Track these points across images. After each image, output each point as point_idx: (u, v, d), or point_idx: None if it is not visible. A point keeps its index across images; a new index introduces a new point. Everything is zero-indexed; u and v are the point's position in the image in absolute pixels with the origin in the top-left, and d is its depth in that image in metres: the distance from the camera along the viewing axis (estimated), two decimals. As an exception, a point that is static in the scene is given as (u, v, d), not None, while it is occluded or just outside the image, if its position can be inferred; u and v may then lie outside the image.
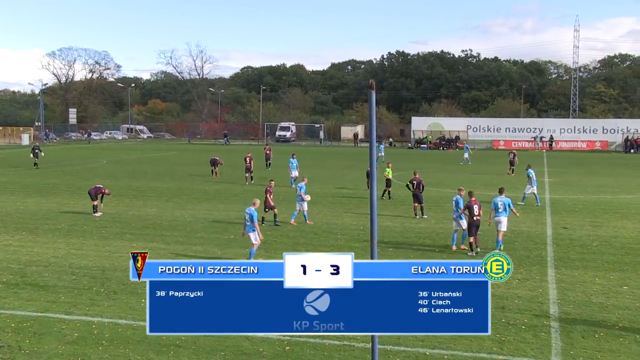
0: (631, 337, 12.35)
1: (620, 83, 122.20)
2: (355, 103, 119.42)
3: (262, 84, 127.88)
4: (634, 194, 33.82)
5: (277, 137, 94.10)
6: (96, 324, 13.03)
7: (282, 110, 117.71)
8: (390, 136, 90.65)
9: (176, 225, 24.00)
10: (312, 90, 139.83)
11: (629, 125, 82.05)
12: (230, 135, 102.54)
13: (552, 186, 37.23)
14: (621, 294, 15.14)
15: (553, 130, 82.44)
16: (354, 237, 21.57)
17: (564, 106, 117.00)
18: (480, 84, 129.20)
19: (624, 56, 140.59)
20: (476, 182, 37.68)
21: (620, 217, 26.03)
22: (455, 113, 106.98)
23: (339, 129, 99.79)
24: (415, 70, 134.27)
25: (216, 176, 41.30)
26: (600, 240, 21.42)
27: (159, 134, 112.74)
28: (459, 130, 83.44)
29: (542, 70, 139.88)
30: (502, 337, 12.20)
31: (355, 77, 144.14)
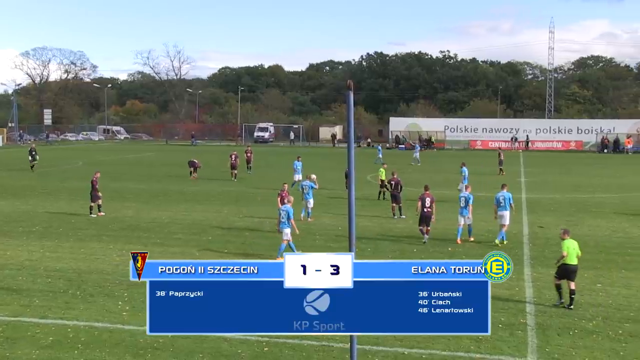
0: (604, 333, 12.53)
1: (594, 84, 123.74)
2: (334, 104, 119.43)
3: (240, 84, 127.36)
4: (608, 193, 34.27)
5: (256, 137, 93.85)
6: (72, 327, 12.90)
7: (260, 111, 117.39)
8: (369, 136, 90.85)
9: (154, 227, 23.84)
10: (290, 90, 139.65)
11: (602, 125, 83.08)
12: (209, 136, 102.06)
13: (528, 186, 37.60)
14: (595, 291, 15.34)
15: (529, 131, 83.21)
16: (332, 237, 21.60)
17: (539, 107, 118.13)
18: (457, 84, 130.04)
19: (597, 58, 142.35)
20: (454, 182, 37.88)
21: (595, 216, 26.37)
22: (433, 113, 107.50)
23: (317, 129, 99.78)
24: (393, 71, 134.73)
25: (194, 178, 41.08)
26: (575, 239, 21.38)
27: (136, 135, 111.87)
28: (436, 130, 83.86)
29: (519, 71, 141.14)
30: (479, 336, 12.28)
31: (334, 77, 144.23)
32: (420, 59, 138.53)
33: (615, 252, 19.59)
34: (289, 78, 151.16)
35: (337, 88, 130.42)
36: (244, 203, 30.20)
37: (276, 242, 20.97)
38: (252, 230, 23.24)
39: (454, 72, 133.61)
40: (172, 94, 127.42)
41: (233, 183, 38.78)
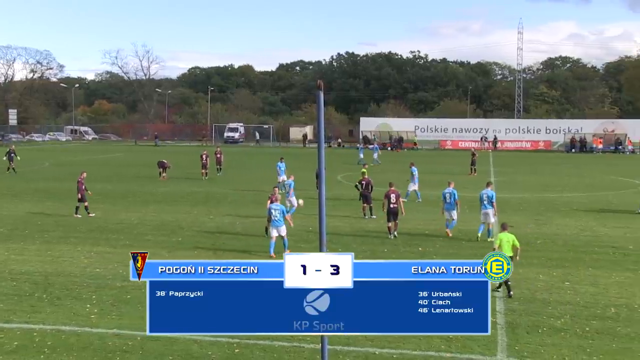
0: (572, 331, 12.72)
1: (562, 84, 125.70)
2: (304, 104, 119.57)
3: (210, 84, 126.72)
4: (575, 192, 34.81)
5: (226, 138, 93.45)
6: (38, 331, 12.68)
7: (230, 111, 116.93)
8: (339, 137, 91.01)
9: (123, 228, 23.58)
10: (260, 91, 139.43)
11: (570, 125, 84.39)
12: (179, 136, 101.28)
13: (498, 185, 38.01)
14: (563, 289, 15.56)
15: (498, 131, 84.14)
16: (303, 238, 21.58)
17: (508, 107, 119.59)
18: (427, 84, 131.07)
19: (564, 58, 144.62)
20: (427, 183, 38.16)
21: (563, 215, 26.76)
22: (403, 114, 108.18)
23: (287, 129, 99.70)
24: (363, 71, 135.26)
25: (163, 179, 40.76)
26: (544, 237, 21.96)
27: (104, 135, 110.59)
28: (406, 130, 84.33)
29: (488, 72, 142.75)
30: (449, 335, 12.36)
31: (304, 77, 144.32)
32: (391, 59, 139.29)
33: (582, 251, 19.90)
34: (259, 78, 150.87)
35: (307, 88, 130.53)
36: (213, 204, 30.04)
37: (247, 243, 20.90)
38: (223, 231, 23.12)
39: (424, 73, 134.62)
40: (141, 94, 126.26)
41: (203, 184, 38.58)
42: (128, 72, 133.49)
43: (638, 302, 14.61)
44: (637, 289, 15.64)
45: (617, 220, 25.76)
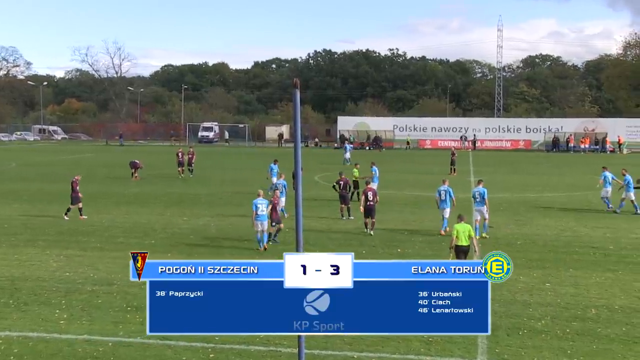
0: (552, 332, 12.86)
1: (542, 83, 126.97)
2: (280, 102, 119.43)
3: (183, 82, 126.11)
4: (556, 192, 35.17)
5: (200, 137, 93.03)
6: (3, 338, 12.50)
7: (204, 110, 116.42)
8: (316, 136, 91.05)
9: (94, 231, 23.36)
10: (235, 89, 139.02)
11: (550, 124, 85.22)
12: (151, 136, 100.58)
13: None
14: (544, 291, 15.72)
15: (478, 130, 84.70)
16: (279, 238, 21.53)
17: (488, 105, 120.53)
18: (406, 83, 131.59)
19: (544, 56, 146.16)
20: (405, 183, 38.38)
21: (543, 216, 27.02)
22: (382, 112, 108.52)
23: (263, 129, 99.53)
24: (341, 69, 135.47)
25: (136, 179, 40.48)
26: (525, 238, 22.16)
27: (74, 135, 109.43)
28: (385, 130, 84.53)
29: (467, 70, 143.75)
30: (429, 338, 12.43)
31: (280, 76, 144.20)
32: (369, 57, 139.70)
33: (563, 251, 20.12)
34: (234, 76, 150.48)
35: (283, 86, 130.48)
36: (188, 205, 29.88)
37: (221, 245, 20.83)
38: (197, 233, 23.00)
39: (403, 71, 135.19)
40: (112, 93, 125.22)
41: (176, 184, 38.36)
42: (99, 69, 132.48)
43: (618, 302, 14.81)
44: (617, 290, 15.85)
45: (597, 220, 26.08)
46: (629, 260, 19.08)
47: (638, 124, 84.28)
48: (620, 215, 27.22)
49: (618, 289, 15.92)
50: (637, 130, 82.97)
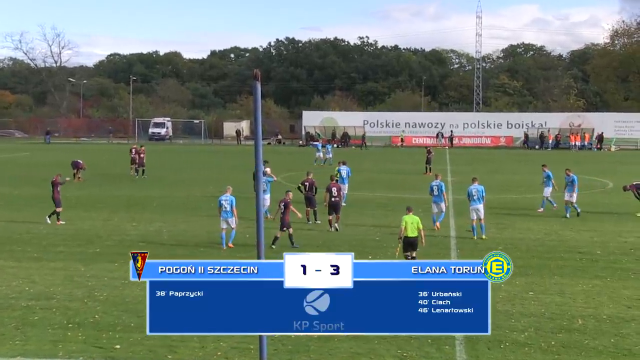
0: (536, 345, 13.03)
1: (524, 74, 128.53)
2: (239, 96, 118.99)
3: (131, 73, 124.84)
4: (540, 192, 35.60)
5: (151, 134, 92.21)
6: None
7: (156, 104, 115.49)
8: (279, 133, 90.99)
9: (30, 239, 23.02)
10: (189, 81, 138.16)
11: (533, 119, 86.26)
12: (97, 133, 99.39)
13: (455, 186, 38.61)
14: (527, 300, 15.92)
15: (455, 126, 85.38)
16: (239, 246, 21.50)
17: (466, 99, 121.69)
18: (377, 74, 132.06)
19: (527, 46, 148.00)
20: (378, 183, 38.59)
21: (526, 218, 27.39)
22: (351, 107, 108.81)
23: (221, 124, 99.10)
24: (306, 60, 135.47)
25: (79, 181, 40.00)
26: (506, 243, 22.43)
27: (6, 131, 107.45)
28: (354, 125, 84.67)
29: (444, 60, 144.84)
30: (403, 353, 12.52)
31: (239, 66, 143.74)
32: (337, 46, 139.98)
33: (547, 257, 20.40)
34: (188, 67, 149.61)
35: (243, 78, 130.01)
36: (137, 209, 29.63)
37: (175, 253, 20.67)
38: (148, 240, 22.82)
39: (374, 61, 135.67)
40: (50, 84, 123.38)
41: (125, 186, 38.01)
42: (35, 58, 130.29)
43: (606, 312, 15.07)
44: (605, 298, 16.13)
45: (583, 223, 26.52)
46: (617, 265, 19.44)
47: (627, 119, 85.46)
48: (608, 218, 27.70)
49: (606, 297, 16.20)
50: (627, 125, 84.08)
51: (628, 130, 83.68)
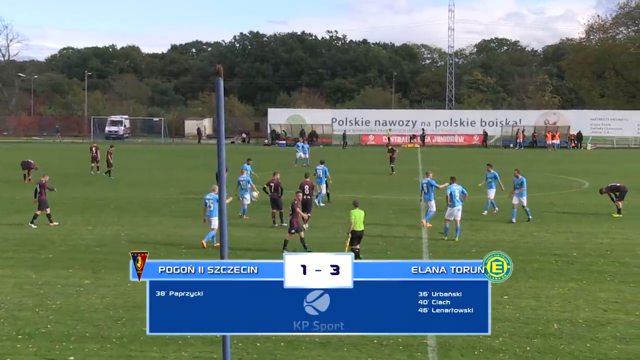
0: (511, 351, 13.17)
1: (498, 70, 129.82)
2: (202, 92, 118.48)
3: (86, 68, 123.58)
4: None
5: (107, 133, 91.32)
6: None
7: (112, 101, 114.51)
8: (244, 131, 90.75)
9: (-23, 245, 22.69)
10: (149, 77, 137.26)
11: (508, 116, 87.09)
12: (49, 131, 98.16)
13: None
14: (501, 304, 16.07)
15: (427, 124, 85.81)
16: (201, 249, 21.42)
17: (439, 96, 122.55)
18: (346, 70, 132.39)
19: (500, 40, 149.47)
20: (346, 184, 38.65)
21: (500, 220, 27.62)
22: (318, 104, 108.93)
23: (182, 122, 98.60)
24: (272, 54, 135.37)
25: (30, 182, 39.51)
26: (480, 245, 22.62)
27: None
28: (322, 123, 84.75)
29: (415, 55, 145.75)
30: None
31: (201, 61, 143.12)
32: (304, 41, 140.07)
33: (522, 260, 20.59)
34: (147, 62, 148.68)
35: (205, 74, 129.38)
36: (93, 212, 29.36)
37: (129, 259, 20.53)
38: (104, 245, 22.63)
39: (343, 56, 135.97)
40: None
41: (80, 188, 37.60)
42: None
43: (582, 316, 15.29)
44: (581, 301, 16.36)
45: (559, 224, 26.86)
46: (593, 268, 19.72)
47: (603, 116, 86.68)
48: (584, 219, 28.08)
49: (582, 301, 16.43)
50: (603, 123, 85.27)
51: (604, 129, 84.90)
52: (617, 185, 29.57)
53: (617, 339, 13.89)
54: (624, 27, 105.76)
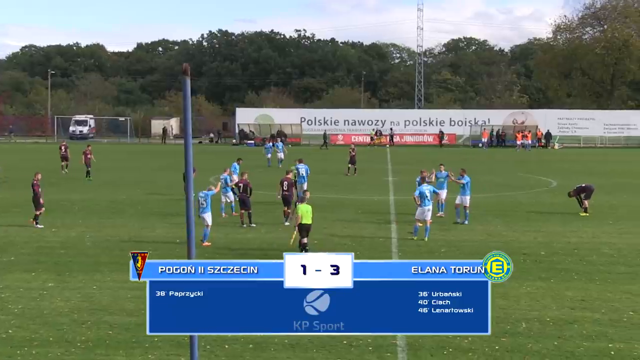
0: (480, 350, 13.29)
1: (467, 70, 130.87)
2: (168, 92, 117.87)
3: (49, 67, 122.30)
4: (483, 193, 36.27)
5: (72, 132, 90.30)
6: None
7: (77, 100, 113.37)
8: (211, 131, 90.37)
9: (-63, 248, 22.35)
10: (114, 76, 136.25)
11: (477, 116, 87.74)
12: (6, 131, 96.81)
13: (396, 186, 39.07)
14: (470, 304, 16.22)
15: (397, 123, 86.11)
16: (169, 251, 21.29)
17: (407, 95, 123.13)
18: (314, 69, 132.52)
19: (469, 40, 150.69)
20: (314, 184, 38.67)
21: (470, 219, 27.77)
22: (287, 103, 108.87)
23: (149, 122, 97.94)
24: (240, 53, 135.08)
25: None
26: (449, 245, 22.80)
27: None
28: (291, 123, 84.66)
29: (384, 55, 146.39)
30: (342, 361, 12.61)
31: (168, 60, 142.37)
32: (272, 40, 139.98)
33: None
34: (112, 60, 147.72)
35: (171, 73, 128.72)
36: (58, 214, 29.04)
37: (98, 261, 20.37)
38: (69, 247, 22.41)
39: (311, 55, 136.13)
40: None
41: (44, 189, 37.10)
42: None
43: (550, 314, 15.48)
44: (549, 300, 16.57)
45: (527, 223, 27.16)
46: (561, 267, 19.98)
47: (570, 115, 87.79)
48: (552, 218, 28.40)
49: (550, 299, 16.65)
50: (570, 122, 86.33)
51: (572, 128, 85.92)
52: (584, 185, 29.97)
53: (583, 336, 14.11)
54: (590, 28, 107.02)
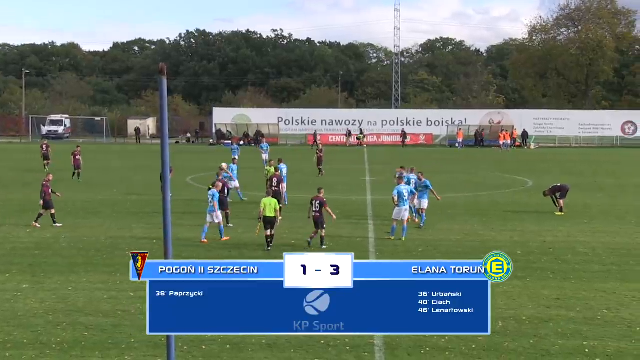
0: (457, 349, 13.37)
1: (444, 70, 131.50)
2: (145, 91, 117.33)
3: (24, 66, 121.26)
4: (461, 192, 36.50)
5: (47, 132, 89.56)
6: None
7: (52, 99, 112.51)
8: (189, 131, 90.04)
9: None
10: (90, 75, 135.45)
11: (453, 116, 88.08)
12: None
13: (373, 186, 39.18)
14: (447, 303, 16.31)
15: (374, 123, 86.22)
16: (148, 251, 21.18)
17: (384, 95, 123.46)
18: (292, 69, 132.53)
19: (446, 40, 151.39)
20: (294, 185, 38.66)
21: (447, 218, 27.97)
22: (264, 103, 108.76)
23: (125, 122, 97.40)
24: (218, 53, 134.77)
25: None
26: (426, 245, 22.90)
27: None
28: (268, 123, 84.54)
29: (361, 55, 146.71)
30: (320, 361, 12.63)
31: (144, 59, 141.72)
32: (250, 39, 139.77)
33: (467, 259, 20.88)
34: (88, 60, 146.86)
35: (148, 73, 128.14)
36: (33, 214, 28.74)
37: (74, 262, 20.24)
38: (44, 248, 22.24)
39: (288, 55, 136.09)
40: None
41: (18, 190, 36.84)
42: None
43: (526, 313, 15.62)
44: (525, 299, 16.70)
45: (504, 222, 27.34)
46: (537, 266, 20.15)
47: (546, 115, 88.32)
48: (528, 217, 28.60)
49: (526, 298, 16.79)
50: (545, 122, 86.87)
51: (547, 128, 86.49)
52: (559, 185, 30.24)
53: (558, 335, 14.26)
54: (565, 29, 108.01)
